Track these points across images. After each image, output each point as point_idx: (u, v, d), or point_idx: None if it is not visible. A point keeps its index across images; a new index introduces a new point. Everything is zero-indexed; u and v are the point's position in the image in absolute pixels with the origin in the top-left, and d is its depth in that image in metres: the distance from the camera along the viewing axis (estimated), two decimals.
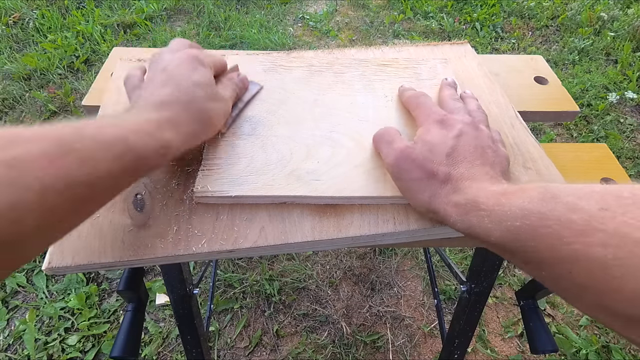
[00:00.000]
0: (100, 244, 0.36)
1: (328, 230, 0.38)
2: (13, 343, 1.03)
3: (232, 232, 0.37)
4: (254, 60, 0.52)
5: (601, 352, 1.03)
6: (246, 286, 1.15)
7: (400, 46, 0.59)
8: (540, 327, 0.53)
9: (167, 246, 0.36)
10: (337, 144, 0.42)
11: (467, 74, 0.54)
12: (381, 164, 0.40)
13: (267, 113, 0.45)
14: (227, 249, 0.36)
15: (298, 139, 0.42)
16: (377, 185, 0.39)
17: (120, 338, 0.50)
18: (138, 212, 0.38)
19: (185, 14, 2.29)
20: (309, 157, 0.41)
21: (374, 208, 0.39)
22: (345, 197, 0.38)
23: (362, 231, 0.38)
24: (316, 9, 2.42)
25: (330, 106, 0.46)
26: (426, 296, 1.14)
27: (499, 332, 1.07)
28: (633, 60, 1.95)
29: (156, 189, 0.41)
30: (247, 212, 0.39)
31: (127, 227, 0.37)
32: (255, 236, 0.37)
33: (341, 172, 0.40)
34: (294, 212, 0.39)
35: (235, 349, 1.03)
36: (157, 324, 1.07)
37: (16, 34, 1.98)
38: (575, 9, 2.30)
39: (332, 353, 1.02)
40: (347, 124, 0.44)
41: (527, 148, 0.44)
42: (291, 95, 0.47)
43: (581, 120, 1.68)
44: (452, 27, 2.21)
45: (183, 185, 0.41)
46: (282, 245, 0.37)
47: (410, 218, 0.38)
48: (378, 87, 0.49)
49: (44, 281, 1.14)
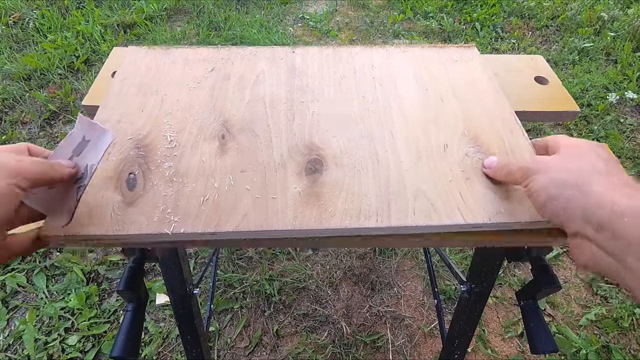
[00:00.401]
0: (90, 219, 0.38)
1: (309, 221, 0.39)
2: (13, 343, 1.03)
3: (215, 216, 0.39)
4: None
5: (601, 352, 1.03)
6: (246, 286, 1.15)
7: (405, 47, 0.60)
8: (540, 327, 0.52)
9: (152, 224, 0.38)
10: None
11: (471, 77, 0.55)
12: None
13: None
14: (209, 231, 0.38)
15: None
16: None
17: (121, 338, 0.50)
18: (129, 191, 0.40)
19: (185, 14, 2.29)
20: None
21: (358, 202, 0.40)
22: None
23: (343, 224, 0.39)
24: (316, 9, 2.42)
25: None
26: (426, 296, 1.14)
27: (499, 332, 1.07)
28: (633, 60, 1.95)
29: (150, 169, 0.42)
30: (232, 199, 0.40)
31: (117, 204, 0.39)
32: (238, 221, 0.38)
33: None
34: (278, 202, 0.40)
35: (235, 349, 1.03)
36: (157, 324, 1.07)
37: (16, 34, 1.98)
38: (575, 9, 2.30)
39: (332, 353, 1.02)
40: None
41: (522, 154, 0.45)
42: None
43: (581, 120, 1.68)
44: (452, 27, 2.21)
45: (175, 168, 0.42)
46: (263, 232, 0.38)
47: (392, 215, 0.39)
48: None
49: (44, 281, 1.14)
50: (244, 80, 0.54)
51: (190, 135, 0.46)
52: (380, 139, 0.47)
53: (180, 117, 0.48)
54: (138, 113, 0.48)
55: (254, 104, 0.50)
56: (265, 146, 0.45)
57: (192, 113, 0.49)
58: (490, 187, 0.42)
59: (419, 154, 0.45)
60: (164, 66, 0.55)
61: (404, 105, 0.51)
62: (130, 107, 0.49)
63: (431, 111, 0.50)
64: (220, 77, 0.54)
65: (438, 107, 0.51)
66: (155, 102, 0.50)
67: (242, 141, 0.46)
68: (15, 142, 1.49)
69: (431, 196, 0.41)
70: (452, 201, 0.41)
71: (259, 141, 0.46)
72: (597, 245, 0.30)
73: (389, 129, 0.48)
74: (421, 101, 0.52)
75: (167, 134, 0.46)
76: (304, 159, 0.44)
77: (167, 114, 0.49)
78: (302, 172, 0.43)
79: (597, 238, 0.30)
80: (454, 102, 0.51)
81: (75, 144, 0.38)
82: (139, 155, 0.44)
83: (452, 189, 0.42)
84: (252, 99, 0.51)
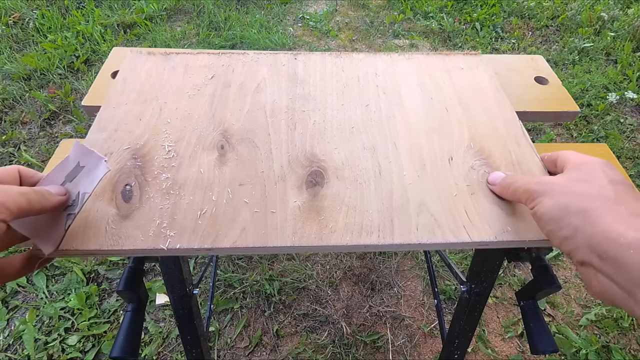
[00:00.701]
0: (84, 232, 0.37)
1: (309, 237, 0.38)
2: (13, 343, 1.03)
3: (213, 231, 0.38)
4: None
5: (601, 352, 1.03)
6: (246, 286, 1.15)
7: (410, 54, 0.59)
8: (540, 327, 0.52)
9: (147, 239, 0.37)
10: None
11: (477, 86, 0.54)
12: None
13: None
14: (206, 246, 0.37)
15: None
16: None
17: (120, 338, 0.50)
18: (125, 203, 0.39)
19: (185, 14, 2.29)
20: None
21: (359, 218, 0.39)
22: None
23: (343, 241, 0.38)
24: (316, 9, 2.42)
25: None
26: (426, 296, 1.14)
27: (499, 332, 1.07)
28: (633, 60, 1.95)
29: (146, 181, 0.41)
30: (230, 212, 0.39)
31: (112, 217, 0.38)
32: (236, 236, 0.37)
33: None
34: (277, 216, 0.39)
35: (235, 349, 1.03)
36: (157, 324, 1.07)
37: (16, 34, 1.98)
38: (575, 9, 2.30)
39: (332, 353, 1.02)
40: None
41: (529, 167, 0.44)
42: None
43: (581, 120, 1.68)
44: (452, 27, 2.21)
45: (172, 179, 0.41)
46: (262, 248, 0.37)
47: (395, 232, 0.38)
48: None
49: (44, 281, 1.14)
50: (244, 88, 0.53)
51: (189, 145, 0.45)
52: (384, 150, 0.46)
53: (179, 126, 0.47)
54: (136, 122, 0.48)
55: (254, 112, 0.49)
56: (265, 157, 0.44)
57: (191, 122, 0.48)
58: (497, 203, 0.41)
59: (423, 167, 0.44)
60: (164, 73, 0.54)
61: (408, 114, 0.50)
62: (129, 115, 0.48)
63: (436, 121, 0.49)
64: (221, 84, 0.53)
65: (443, 117, 0.50)
66: (154, 111, 0.49)
67: (241, 152, 0.45)
68: (15, 142, 1.50)
69: (435, 211, 0.40)
70: (456, 217, 0.39)
71: (258, 152, 0.45)
72: (604, 275, 0.30)
73: (393, 140, 0.47)
74: (426, 110, 0.50)
75: (165, 143, 0.45)
76: (305, 171, 0.43)
77: (165, 122, 0.48)
78: (303, 185, 0.42)
79: (603, 268, 0.30)
80: (459, 112, 0.50)
81: (70, 169, 0.37)
82: (136, 166, 0.43)
83: (457, 204, 0.41)
84: (253, 107, 0.50)
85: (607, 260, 0.29)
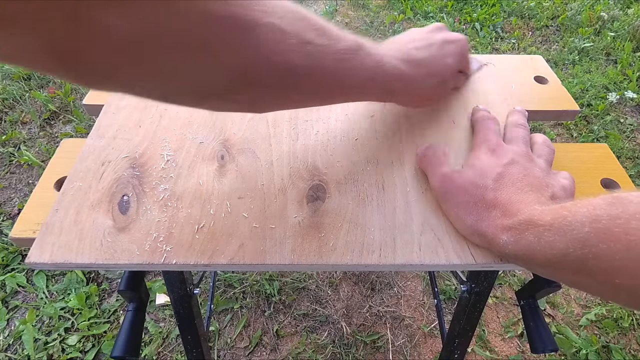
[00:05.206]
0: (79, 244, 0.36)
1: (308, 255, 0.37)
2: (13, 343, 1.03)
3: (210, 246, 0.37)
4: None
5: (601, 352, 1.03)
6: (246, 286, 1.15)
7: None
8: (540, 327, 0.52)
9: (143, 254, 0.36)
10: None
11: (486, 96, 0.52)
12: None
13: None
14: (203, 262, 0.36)
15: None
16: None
17: (121, 338, 0.50)
18: (121, 215, 0.38)
19: None
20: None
21: (361, 235, 0.38)
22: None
23: (344, 260, 0.37)
24: (316, 9, 2.42)
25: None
26: (426, 296, 1.14)
27: (499, 332, 1.07)
28: (633, 60, 1.95)
29: (144, 192, 0.40)
30: (229, 227, 0.38)
31: (107, 229, 0.37)
32: (233, 252, 0.37)
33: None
34: (276, 232, 0.38)
35: (235, 349, 1.03)
36: (157, 324, 1.07)
37: None
38: (575, 9, 2.30)
39: (332, 353, 1.02)
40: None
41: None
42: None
43: (581, 120, 1.68)
44: (452, 27, 2.21)
45: (170, 191, 0.41)
46: (260, 265, 0.36)
47: (397, 252, 0.37)
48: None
49: (44, 281, 1.14)
50: None
51: (188, 155, 0.44)
52: (388, 164, 0.44)
53: (178, 134, 0.46)
54: (135, 129, 0.46)
55: (256, 122, 0.48)
56: (265, 169, 0.43)
57: (192, 130, 0.47)
58: None
59: (428, 182, 0.42)
60: None
61: (414, 127, 0.48)
62: (128, 122, 0.47)
63: (442, 134, 0.47)
64: None
65: (450, 129, 0.48)
66: (154, 117, 0.48)
67: (241, 163, 0.44)
68: (15, 142, 1.50)
69: (439, 231, 0.38)
70: (460, 237, 0.38)
71: (259, 163, 0.44)
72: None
73: (397, 153, 0.45)
74: (432, 122, 0.49)
75: (164, 152, 0.44)
76: (306, 184, 0.42)
77: (165, 130, 0.47)
78: (303, 199, 0.40)
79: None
80: (467, 124, 0.48)
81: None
82: (134, 176, 0.41)
83: None
84: (255, 116, 0.49)
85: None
